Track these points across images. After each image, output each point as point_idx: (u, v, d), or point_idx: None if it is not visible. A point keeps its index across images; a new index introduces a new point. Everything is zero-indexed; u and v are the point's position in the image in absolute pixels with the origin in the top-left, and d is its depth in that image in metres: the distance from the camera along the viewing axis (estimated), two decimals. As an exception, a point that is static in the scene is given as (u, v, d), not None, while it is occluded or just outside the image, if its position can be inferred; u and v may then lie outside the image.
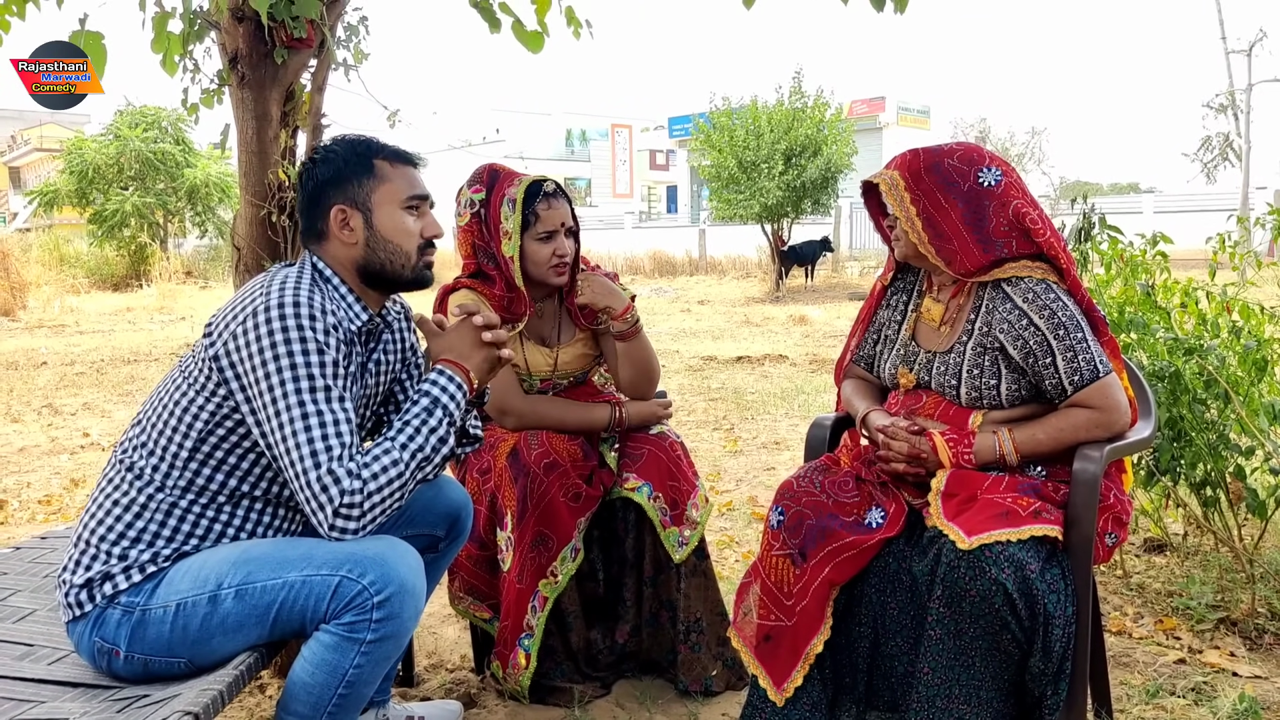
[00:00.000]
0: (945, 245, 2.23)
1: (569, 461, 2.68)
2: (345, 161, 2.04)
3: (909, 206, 2.25)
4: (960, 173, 2.24)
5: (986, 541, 1.99)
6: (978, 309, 2.27)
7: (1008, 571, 1.96)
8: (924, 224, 2.24)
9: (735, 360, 9.87)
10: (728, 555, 3.94)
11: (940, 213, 2.23)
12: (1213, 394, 3.18)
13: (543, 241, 2.72)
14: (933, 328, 2.37)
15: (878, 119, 38.66)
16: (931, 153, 2.28)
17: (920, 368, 2.36)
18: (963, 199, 2.22)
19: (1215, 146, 32.03)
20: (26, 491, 5.30)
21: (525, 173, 2.80)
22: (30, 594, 2.35)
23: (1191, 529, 3.67)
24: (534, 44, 3.04)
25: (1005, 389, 2.22)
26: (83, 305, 18.40)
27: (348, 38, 3.07)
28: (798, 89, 20.87)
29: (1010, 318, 2.19)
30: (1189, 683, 2.72)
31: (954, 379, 2.27)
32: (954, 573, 2.02)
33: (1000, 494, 2.12)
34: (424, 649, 3.11)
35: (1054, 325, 2.16)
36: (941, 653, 2.04)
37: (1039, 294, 2.18)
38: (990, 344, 2.23)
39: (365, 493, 1.83)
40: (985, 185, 2.23)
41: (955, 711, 2.03)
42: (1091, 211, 3.70)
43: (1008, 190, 2.24)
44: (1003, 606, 1.97)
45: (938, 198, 2.23)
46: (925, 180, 2.25)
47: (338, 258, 2.05)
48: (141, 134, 26.63)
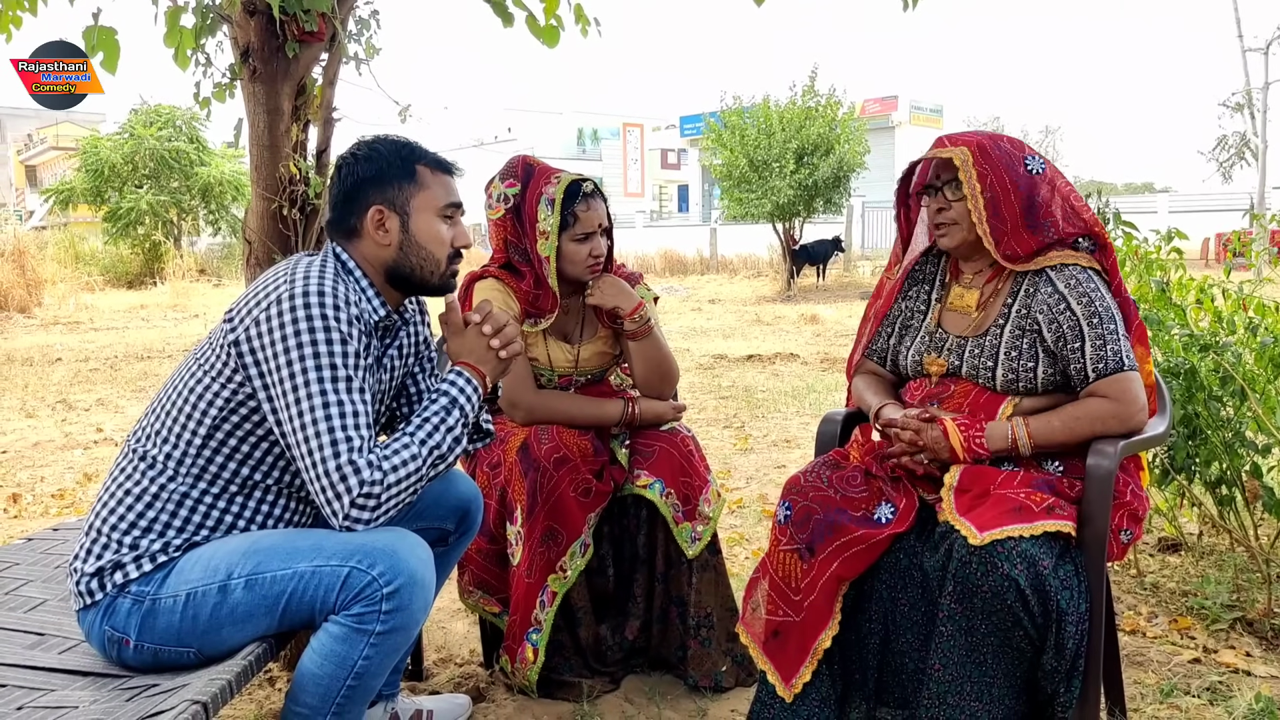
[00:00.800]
0: (999, 226, 2.24)
1: (579, 456, 2.68)
2: (389, 163, 2.04)
3: (976, 184, 2.24)
4: (1015, 156, 2.26)
5: (999, 537, 1.98)
6: (1015, 294, 2.28)
7: (1020, 567, 1.95)
8: (987, 202, 2.23)
9: (746, 359, 9.86)
10: (738, 552, 3.93)
11: (1004, 193, 2.23)
12: (1229, 391, 3.16)
13: (580, 242, 2.72)
14: (965, 314, 2.37)
15: (890, 118, 38.58)
16: (991, 135, 2.30)
17: (951, 352, 2.34)
18: (1019, 180, 2.24)
19: (1231, 145, 31.88)
20: (40, 486, 5.32)
21: (560, 169, 2.79)
22: (42, 584, 2.36)
23: (1207, 528, 3.65)
24: (549, 38, 3.04)
25: (1041, 373, 2.22)
26: (97, 302, 18.48)
27: (359, 32, 3.07)
28: (811, 87, 20.82)
29: (1050, 300, 2.21)
30: (1204, 682, 2.70)
31: (990, 360, 2.27)
32: (965, 569, 2.01)
33: (1014, 489, 2.11)
34: (433, 643, 3.11)
35: (1090, 313, 2.17)
36: (953, 649, 2.03)
37: (1080, 281, 2.20)
38: (1029, 326, 2.24)
39: (385, 484, 1.84)
40: (1033, 171, 2.26)
41: (966, 708, 2.02)
42: (1105, 208, 3.67)
43: (1054, 175, 2.28)
44: (1015, 603, 1.96)
45: (1003, 176, 2.24)
46: (992, 157, 2.24)
47: (367, 256, 2.05)
48: (156, 132, 26.73)
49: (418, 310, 2.26)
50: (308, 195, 2.79)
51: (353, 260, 2.05)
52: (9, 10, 2.96)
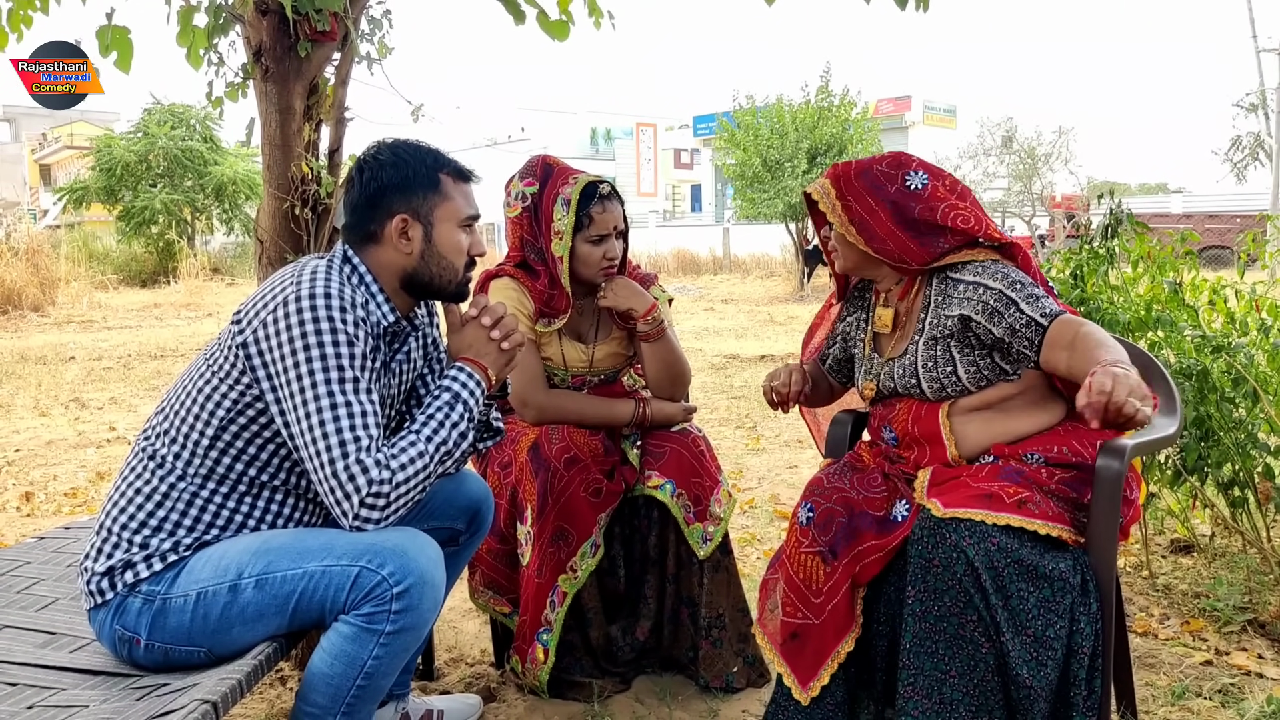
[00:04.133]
0: (881, 245, 2.28)
1: (590, 457, 2.68)
2: (415, 171, 2.04)
3: (840, 213, 2.31)
4: (888, 176, 2.31)
5: (960, 516, 2.00)
6: (927, 306, 2.30)
7: (969, 540, 1.95)
8: (857, 228, 2.29)
9: (758, 359, 9.86)
10: (749, 553, 3.92)
11: (871, 215, 2.29)
12: (1241, 392, 3.15)
13: (594, 244, 2.72)
14: (886, 334, 2.40)
15: (904, 118, 38.56)
16: (861, 162, 2.37)
17: (883, 377, 2.37)
18: (890, 200, 2.28)
19: (1245, 146, 31.74)
20: (53, 484, 5.35)
21: (580, 170, 2.79)
22: (53, 583, 2.37)
23: (1219, 529, 3.63)
24: (559, 33, 3.04)
25: (963, 373, 2.22)
26: (111, 301, 18.57)
27: (371, 31, 3.07)
28: (825, 87, 20.79)
29: (966, 292, 2.21)
30: (1216, 684, 2.69)
31: (913, 378, 2.29)
32: (919, 545, 2.03)
33: (983, 481, 2.10)
34: (444, 643, 3.12)
35: (1009, 282, 2.18)
36: (909, 637, 2.03)
37: (987, 266, 2.23)
38: (940, 333, 2.24)
39: (394, 483, 1.84)
40: (911, 188, 2.29)
41: (917, 703, 2.00)
42: (1118, 208, 3.66)
43: (935, 193, 2.29)
44: (964, 576, 1.95)
45: (867, 200, 2.29)
46: (855, 185, 2.31)
47: (384, 262, 2.05)
48: (169, 131, 26.84)
49: (427, 314, 2.26)
50: (320, 195, 2.80)
51: (365, 265, 2.04)
52: (20, 9, 2.97)
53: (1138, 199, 31.45)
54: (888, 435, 2.39)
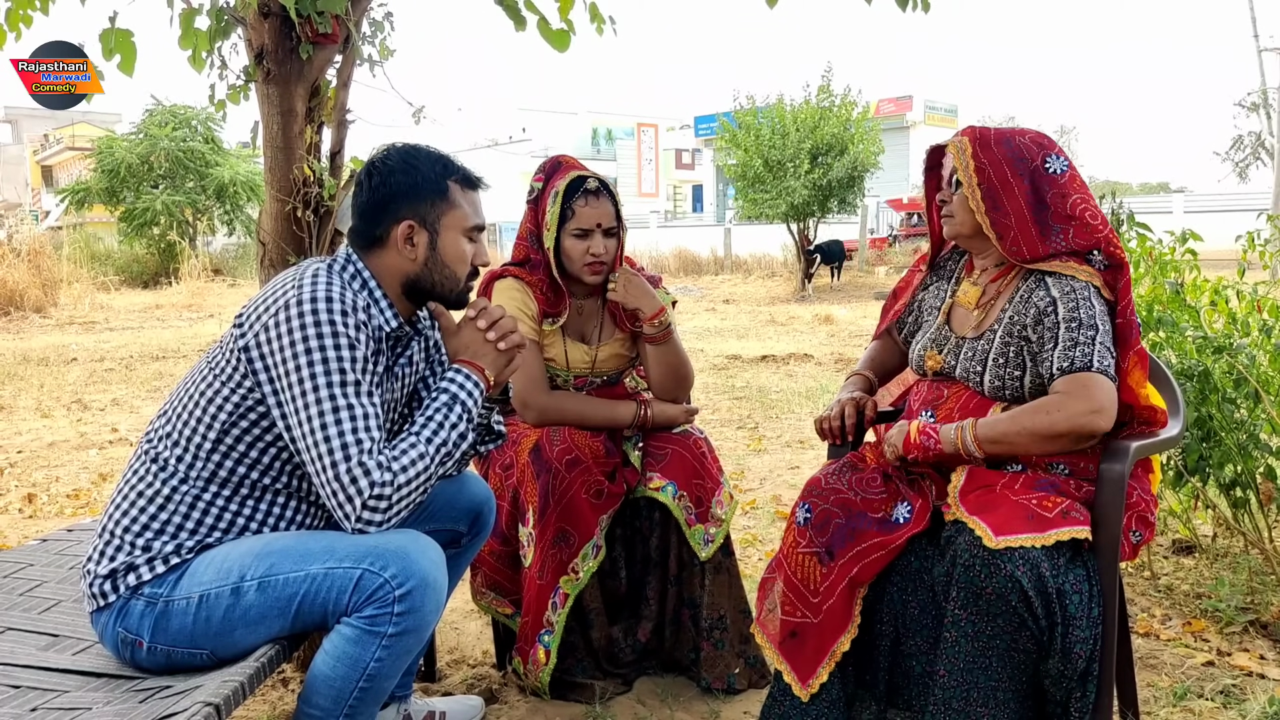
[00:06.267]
0: (1001, 220, 2.20)
1: (591, 458, 2.68)
2: (424, 178, 2.04)
3: (972, 174, 2.22)
4: (1030, 151, 2.23)
5: (1012, 545, 1.96)
6: (1012, 299, 2.25)
7: (1023, 569, 1.94)
8: (983, 194, 2.21)
9: (760, 359, 9.86)
10: (751, 554, 3.92)
11: (1004, 186, 2.20)
12: (1243, 393, 3.15)
13: (577, 238, 2.73)
14: (967, 311, 2.35)
15: (905, 118, 38.54)
16: (1004, 129, 2.28)
17: (949, 352, 2.34)
18: (1028, 177, 2.21)
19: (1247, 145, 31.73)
20: (55, 486, 5.35)
21: (586, 168, 2.81)
22: (56, 585, 2.38)
23: (1221, 530, 3.63)
24: (559, 42, 3.04)
25: (1029, 381, 2.19)
26: (113, 302, 18.58)
27: (373, 33, 3.07)
28: (826, 87, 20.78)
29: (1041, 304, 2.17)
30: (1217, 685, 2.69)
31: (980, 365, 2.25)
32: (970, 572, 2.00)
33: (1020, 494, 2.08)
34: (446, 644, 3.12)
35: (1071, 319, 2.12)
36: (958, 655, 2.02)
37: (1075, 290, 2.15)
38: (1019, 332, 2.20)
39: (395, 485, 1.85)
40: (1051, 171, 2.22)
41: (973, 713, 2.01)
42: (1119, 209, 3.66)
43: (1071, 181, 2.23)
44: (1019, 604, 1.95)
45: (1004, 170, 2.21)
46: (994, 150, 2.22)
47: (388, 267, 2.05)
48: (171, 133, 26.86)
49: (429, 317, 2.26)
50: (321, 197, 2.80)
51: (368, 269, 2.05)
52: (19, 9, 2.97)
53: (1139, 198, 31.39)
54: (925, 418, 2.33)
